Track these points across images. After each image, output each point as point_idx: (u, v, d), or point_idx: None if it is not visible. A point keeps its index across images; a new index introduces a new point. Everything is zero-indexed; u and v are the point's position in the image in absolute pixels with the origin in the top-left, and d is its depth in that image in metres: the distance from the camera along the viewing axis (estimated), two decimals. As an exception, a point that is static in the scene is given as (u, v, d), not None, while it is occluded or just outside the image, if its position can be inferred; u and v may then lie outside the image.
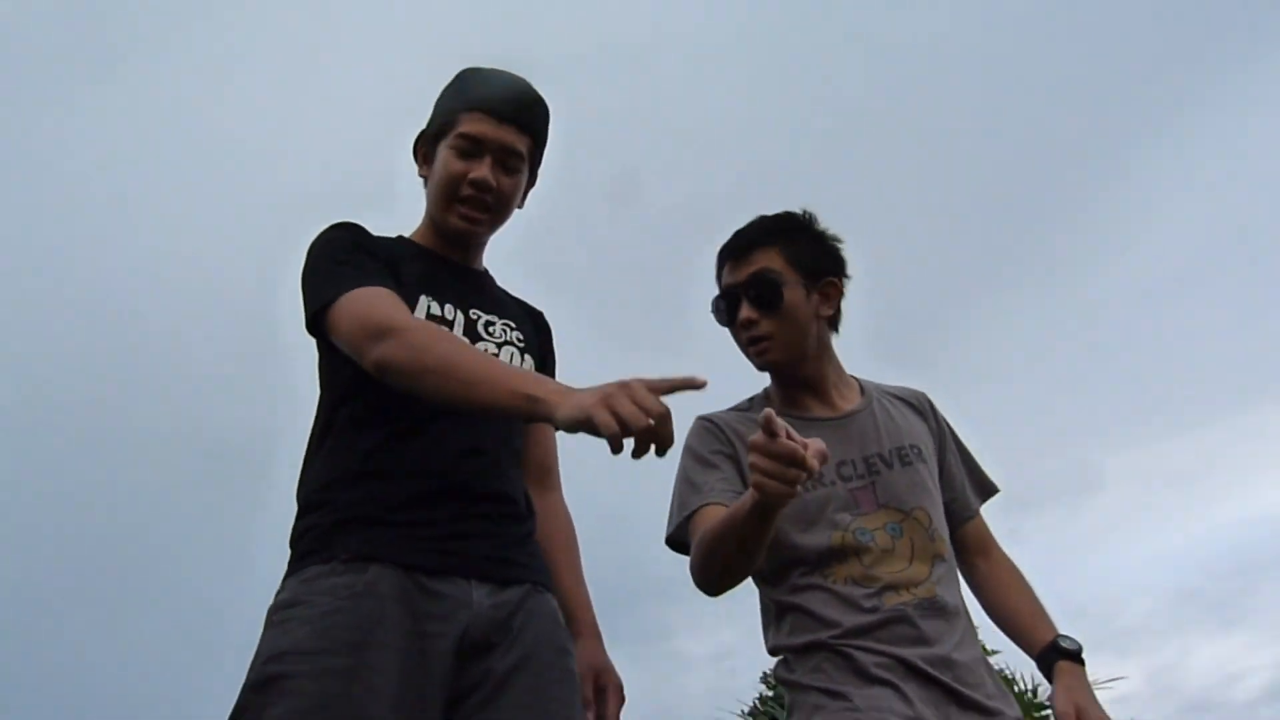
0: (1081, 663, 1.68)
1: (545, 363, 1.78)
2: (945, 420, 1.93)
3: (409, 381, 1.37)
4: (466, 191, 1.61)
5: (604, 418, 1.13)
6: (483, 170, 1.60)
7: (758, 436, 1.29)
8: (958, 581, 1.74)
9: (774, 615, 1.72)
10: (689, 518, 1.67)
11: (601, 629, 1.70)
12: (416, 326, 1.45)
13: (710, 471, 1.71)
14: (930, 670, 1.57)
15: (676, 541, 1.72)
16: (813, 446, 1.29)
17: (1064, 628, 1.77)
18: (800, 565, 1.67)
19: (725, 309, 1.81)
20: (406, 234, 1.75)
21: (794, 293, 1.76)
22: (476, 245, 1.74)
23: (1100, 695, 1.68)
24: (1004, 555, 1.88)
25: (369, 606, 1.35)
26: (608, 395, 1.16)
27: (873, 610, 1.61)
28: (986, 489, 1.92)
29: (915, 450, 1.77)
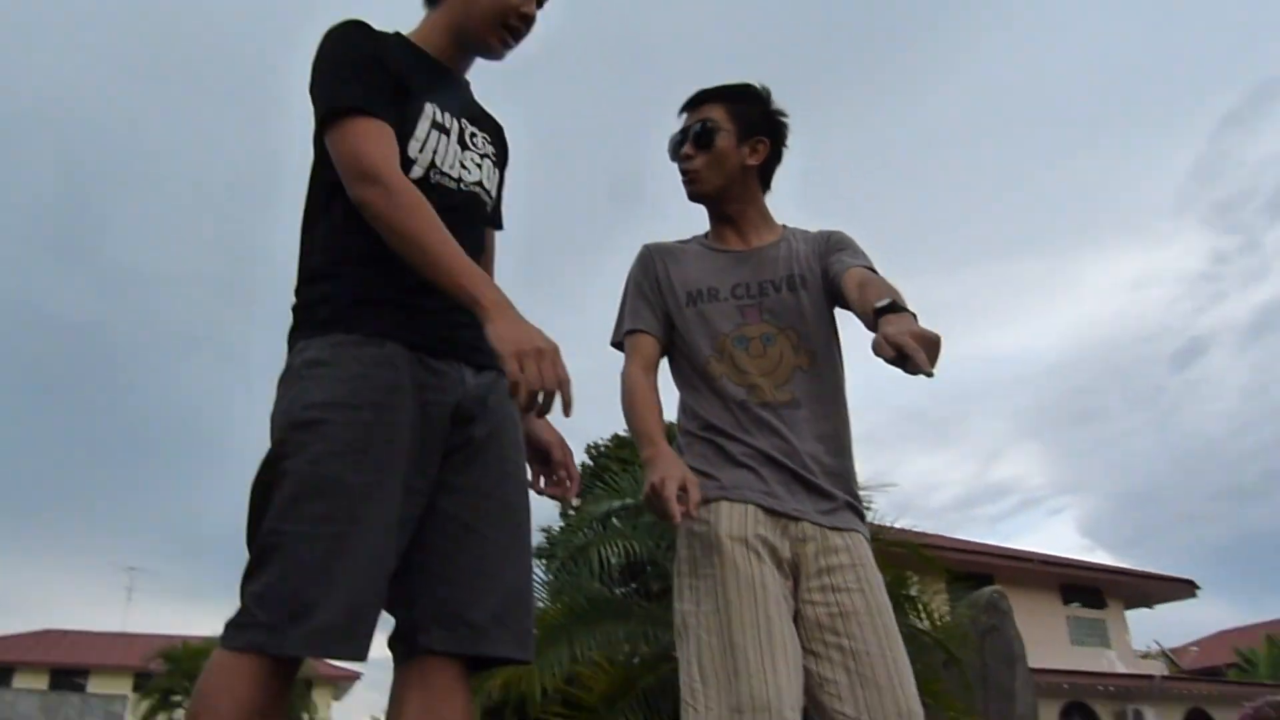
0: (901, 310, 1.73)
1: (502, 175, 1.99)
2: (841, 236, 2.18)
3: (380, 230, 1.60)
4: (514, 22, 1.83)
5: (513, 369, 1.43)
6: (532, 7, 1.84)
7: (659, 482, 1.73)
8: (817, 387, 2.06)
9: (679, 400, 2.14)
10: (626, 335, 2.14)
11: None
12: (402, 188, 1.61)
13: (642, 303, 2.16)
14: (782, 458, 1.98)
15: (617, 345, 2.18)
16: (692, 501, 1.75)
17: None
18: (691, 362, 2.10)
19: (674, 145, 2.20)
20: (404, 31, 1.88)
21: (726, 141, 2.14)
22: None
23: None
24: (880, 278, 1.96)
25: (388, 374, 1.62)
26: (523, 352, 1.43)
27: (742, 408, 2.01)
28: (860, 260, 2.06)
29: (802, 279, 2.11)
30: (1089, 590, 23.25)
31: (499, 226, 2.02)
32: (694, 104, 2.20)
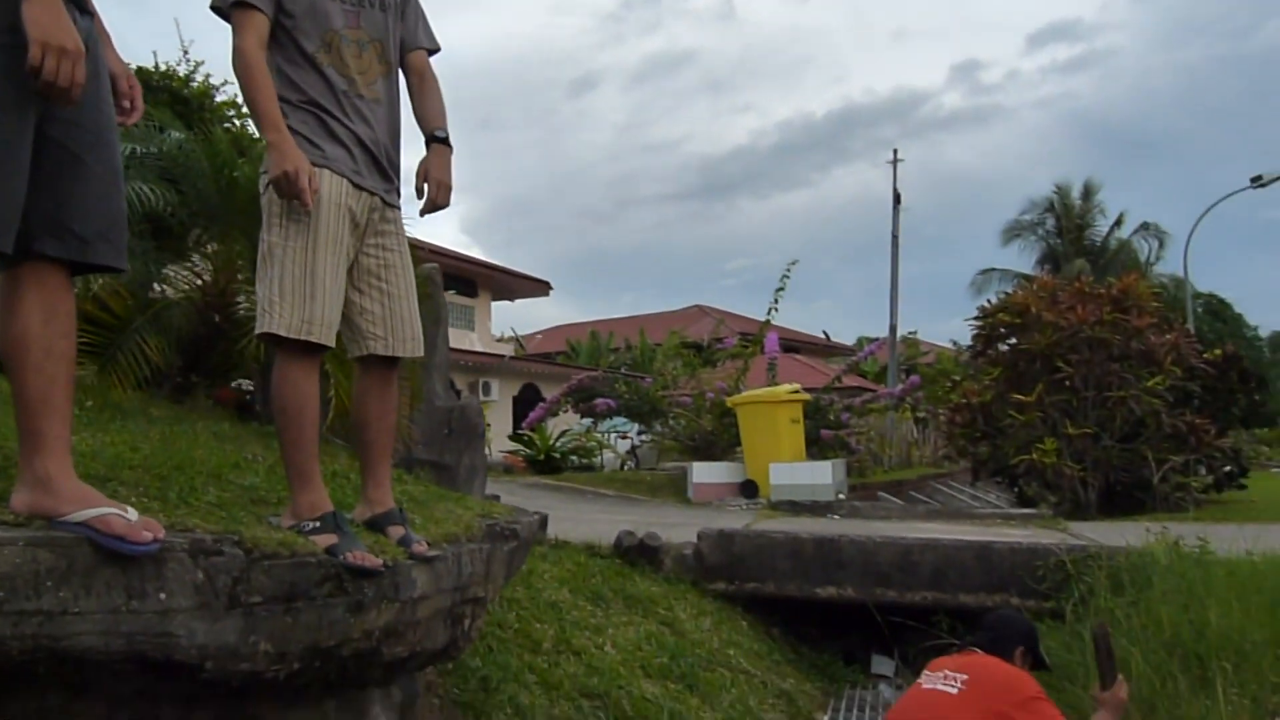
0: (448, 145, 2.64)
1: None
2: None
3: None
4: None
5: (35, 55, 1.64)
6: None
7: (294, 173, 2.24)
8: (390, 93, 2.61)
9: (276, 73, 2.44)
10: (236, 6, 2.36)
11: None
12: None
13: None
14: (369, 144, 2.49)
15: (217, 9, 2.42)
16: (313, 189, 2.28)
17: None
18: (298, 45, 2.44)
19: None
20: None
21: None
22: None
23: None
24: (434, 78, 2.71)
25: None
26: (49, 45, 1.64)
27: (345, 95, 2.46)
28: (433, 42, 2.74)
29: (391, 5, 2.59)
30: (465, 281, 26.17)
31: None
32: None
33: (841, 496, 10.40)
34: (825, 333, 38.20)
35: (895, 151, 22.12)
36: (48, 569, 1.71)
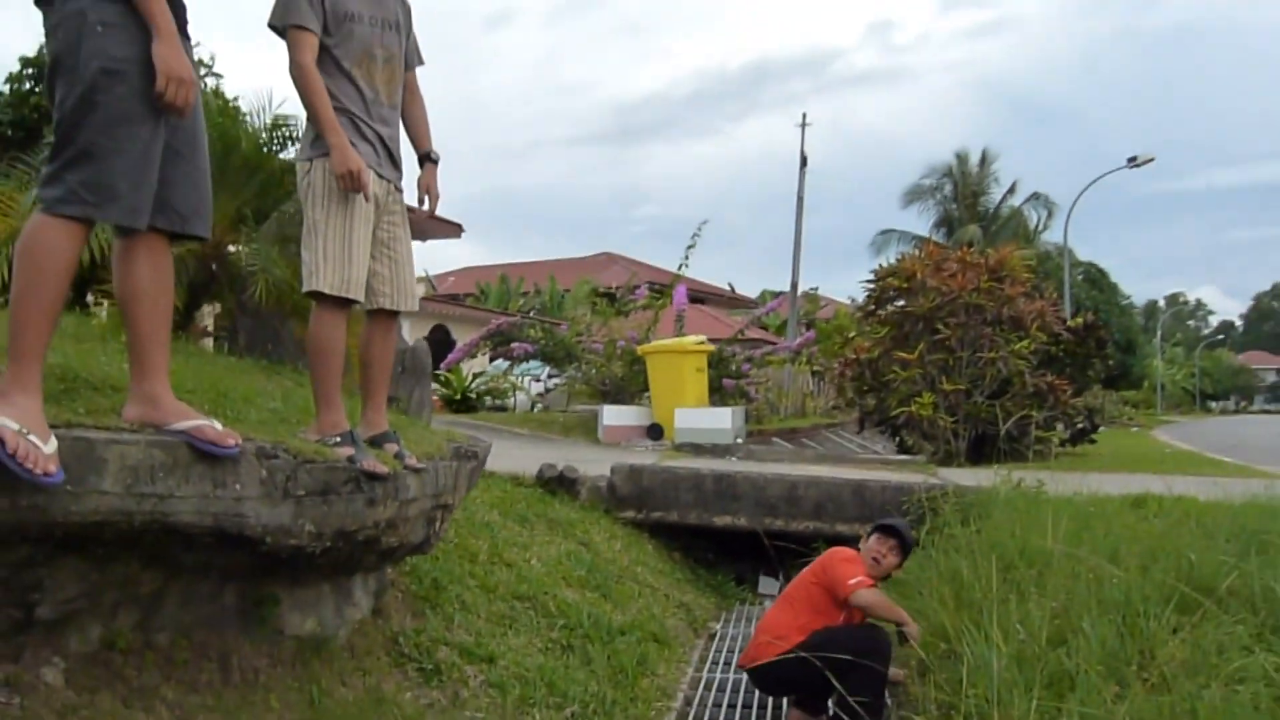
0: (436, 164, 3.35)
1: None
2: (410, 11, 3.33)
3: None
4: None
5: (161, 84, 2.22)
6: None
7: (358, 171, 2.88)
8: (400, 100, 3.23)
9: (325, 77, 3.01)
10: (294, 28, 2.94)
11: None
12: None
13: (310, 8, 2.97)
14: (388, 143, 3.18)
15: (274, 28, 2.99)
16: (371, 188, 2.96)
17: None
18: (336, 61, 3.02)
19: None
20: None
21: None
22: None
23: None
24: (421, 93, 3.37)
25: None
26: (171, 76, 2.21)
27: (373, 103, 3.07)
28: (421, 60, 3.37)
29: (401, 25, 3.21)
30: (378, 219, 26.15)
31: None
32: None
33: (740, 440, 11.29)
34: (730, 285, 39.29)
35: (804, 115, 22.95)
36: (159, 463, 2.32)
